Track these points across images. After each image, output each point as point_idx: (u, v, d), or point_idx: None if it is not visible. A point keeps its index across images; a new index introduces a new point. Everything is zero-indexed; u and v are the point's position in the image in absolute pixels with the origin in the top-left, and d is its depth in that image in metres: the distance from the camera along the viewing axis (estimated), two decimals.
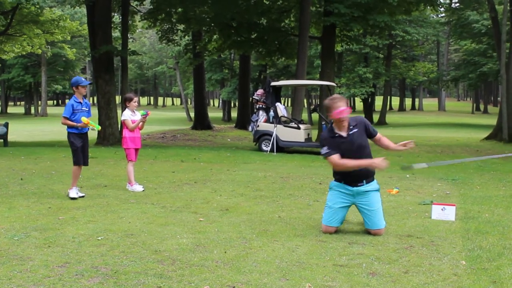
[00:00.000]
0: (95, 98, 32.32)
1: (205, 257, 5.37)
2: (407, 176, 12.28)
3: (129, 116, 9.63)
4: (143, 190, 9.38)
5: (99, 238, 6.03)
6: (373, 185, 6.47)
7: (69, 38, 44.27)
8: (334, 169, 6.46)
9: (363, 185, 6.40)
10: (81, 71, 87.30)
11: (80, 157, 8.76)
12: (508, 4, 25.05)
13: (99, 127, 9.24)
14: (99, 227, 6.60)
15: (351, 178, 6.39)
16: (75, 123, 8.55)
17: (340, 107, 6.16)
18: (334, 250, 5.71)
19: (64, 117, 8.58)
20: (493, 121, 30.75)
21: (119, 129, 23.21)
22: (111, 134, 22.68)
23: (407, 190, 10.04)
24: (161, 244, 5.83)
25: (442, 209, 7.32)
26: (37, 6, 23.39)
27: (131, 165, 9.73)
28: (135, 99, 9.86)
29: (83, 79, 8.83)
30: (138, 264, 5.11)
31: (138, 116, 9.64)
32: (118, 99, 26.87)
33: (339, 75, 46.75)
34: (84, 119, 8.49)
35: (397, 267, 5.16)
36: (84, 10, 40.65)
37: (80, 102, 8.66)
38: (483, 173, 13.35)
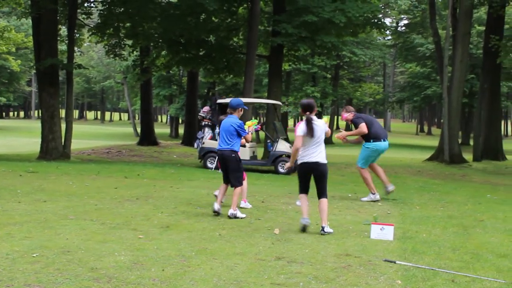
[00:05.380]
0: (39, 112, 31.67)
1: (142, 275, 5.31)
2: (349, 195, 12.44)
3: None
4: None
5: (34, 255, 5.88)
6: None
7: (14, 49, 43.52)
8: None
9: None
10: (26, 83, 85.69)
11: None
12: (450, 30, 25.81)
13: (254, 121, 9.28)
14: (35, 243, 6.44)
15: None
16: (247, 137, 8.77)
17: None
18: (273, 268, 5.73)
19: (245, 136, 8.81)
20: (436, 142, 31.43)
21: (63, 144, 22.74)
22: (54, 149, 21.97)
23: (348, 209, 10.16)
24: (98, 261, 5.74)
25: (381, 229, 7.45)
26: None
27: None
28: None
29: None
30: (73, 282, 5.02)
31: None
32: (62, 112, 26.35)
33: (287, 93, 47.00)
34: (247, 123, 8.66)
35: (334, 286, 5.21)
36: (30, 21, 40.00)
37: None
38: (423, 193, 13.64)
